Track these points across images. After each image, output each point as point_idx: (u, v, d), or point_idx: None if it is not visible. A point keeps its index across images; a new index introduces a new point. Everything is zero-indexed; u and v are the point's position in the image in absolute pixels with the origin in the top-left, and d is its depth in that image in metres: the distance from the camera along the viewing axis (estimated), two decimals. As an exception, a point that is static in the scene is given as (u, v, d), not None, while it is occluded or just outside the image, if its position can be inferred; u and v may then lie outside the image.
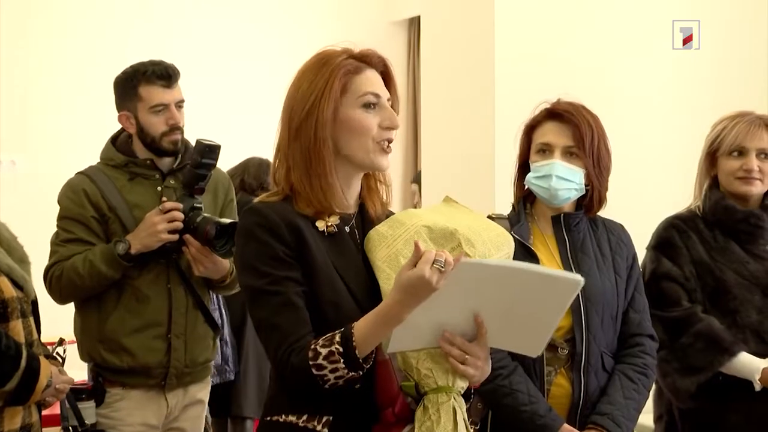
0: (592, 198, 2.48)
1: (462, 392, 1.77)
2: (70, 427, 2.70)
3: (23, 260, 2.36)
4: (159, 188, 2.87)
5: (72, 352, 3.23)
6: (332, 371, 1.66)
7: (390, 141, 1.79)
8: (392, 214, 1.87)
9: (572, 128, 2.43)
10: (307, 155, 1.75)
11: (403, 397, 1.75)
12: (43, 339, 2.50)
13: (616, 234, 2.55)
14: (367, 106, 1.77)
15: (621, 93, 3.64)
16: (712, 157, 2.77)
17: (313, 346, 1.67)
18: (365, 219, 1.85)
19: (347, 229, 1.81)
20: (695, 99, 3.73)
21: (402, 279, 1.61)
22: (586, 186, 2.46)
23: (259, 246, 1.73)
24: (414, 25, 6.73)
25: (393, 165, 7.31)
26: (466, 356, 1.71)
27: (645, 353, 2.48)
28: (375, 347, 1.69)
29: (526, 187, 2.52)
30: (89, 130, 6.06)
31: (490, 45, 3.50)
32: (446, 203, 1.88)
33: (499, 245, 1.77)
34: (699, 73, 3.74)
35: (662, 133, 3.71)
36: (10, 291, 2.26)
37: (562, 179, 2.42)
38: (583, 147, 2.43)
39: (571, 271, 2.44)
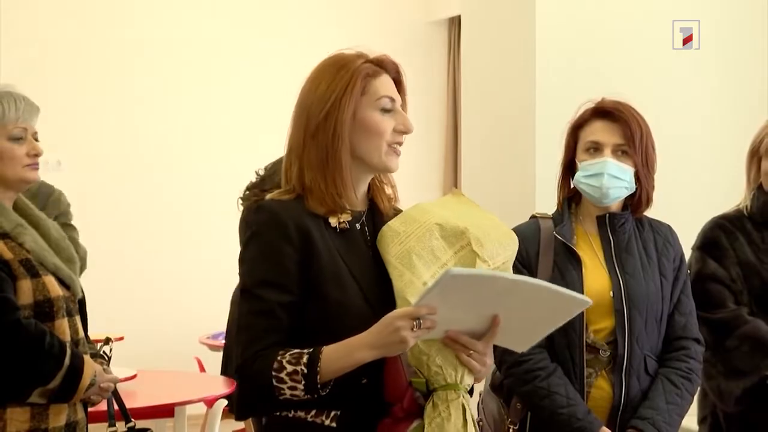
0: (640, 198, 2.46)
1: (468, 389, 1.80)
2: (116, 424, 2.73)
3: (71, 260, 2.38)
4: None
5: (118, 351, 3.27)
6: (291, 388, 1.69)
7: (401, 144, 1.83)
8: (400, 210, 1.89)
9: (622, 126, 2.43)
10: (324, 155, 1.79)
11: (412, 393, 1.76)
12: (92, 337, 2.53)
13: (663, 235, 2.52)
14: (384, 109, 1.81)
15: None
16: (755, 156, 2.73)
17: (279, 358, 1.70)
18: (375, 216, 1.88)
19: (357, 226, 1.84)
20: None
21: (383, 320, 1.66)
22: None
23: (262, 245, 1.76)
24: (454, 24, 6.71)
25: (433, 165, 7.26)
26: (471, 351, 1.75)
27: (690, 357, 2.45)
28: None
29: (571, 186, 2.50)
30: (132, 132, 6.15)
31: (531, 43, 3.48)
32: (454, 196, 1.89)
33: (506, 244, 1.80)
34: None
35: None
36: (56, 290, 2.29)
37: (614, 177, 2.40)
38: (633, 145, 2.41)
39: (615, 271, 2.43)
